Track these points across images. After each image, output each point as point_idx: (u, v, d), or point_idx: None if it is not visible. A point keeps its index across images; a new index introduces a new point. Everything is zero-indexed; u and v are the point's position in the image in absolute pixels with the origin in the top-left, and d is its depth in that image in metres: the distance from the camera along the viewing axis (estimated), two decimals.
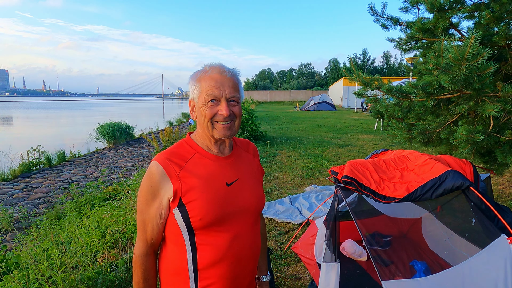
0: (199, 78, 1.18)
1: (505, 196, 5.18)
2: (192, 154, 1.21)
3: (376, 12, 4.23)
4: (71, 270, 2.83)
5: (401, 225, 3.41)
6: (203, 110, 1.16)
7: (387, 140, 11.18)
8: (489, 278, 1.72)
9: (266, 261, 1.55)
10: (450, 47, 2.53)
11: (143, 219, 1.19)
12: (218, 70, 1.17)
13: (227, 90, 1.16)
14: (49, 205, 6.41)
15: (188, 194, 1.14)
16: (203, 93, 1.16)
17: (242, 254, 1.22)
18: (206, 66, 1.21)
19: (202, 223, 1.14)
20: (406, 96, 3.44)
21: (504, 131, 2.73)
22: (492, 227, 1.88)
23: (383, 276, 1.96)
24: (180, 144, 1.25)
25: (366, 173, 2.35)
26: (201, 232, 1.16)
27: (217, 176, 1.20)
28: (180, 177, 1.15)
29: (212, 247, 1.17)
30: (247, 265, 1.25)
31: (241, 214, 1.23)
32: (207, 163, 1.21)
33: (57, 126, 27.18)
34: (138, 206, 1.20)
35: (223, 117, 1.15)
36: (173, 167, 1.15)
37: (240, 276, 1.24)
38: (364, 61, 70.79)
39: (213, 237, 1.17)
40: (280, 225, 4.36)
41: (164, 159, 1.16)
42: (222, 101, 1.16)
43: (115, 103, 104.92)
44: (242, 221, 1.23)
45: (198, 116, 1.21)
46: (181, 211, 1.14)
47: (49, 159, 10.13)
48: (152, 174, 1.15)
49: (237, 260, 1.21)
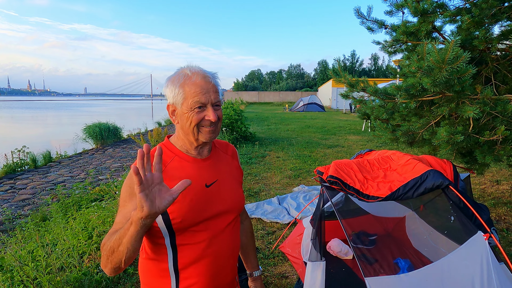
0: (182, 83, 1.18)
1: (486, 195, 5.34)
2: (171, 158, 1.23)
3: (362, 15, 4.31)
4: (57, 271, 2.80)
5: (386, 224, 3.49)
6: (188, 115, 1.17)
7: (374, 141, 11.36)
8: (467, 273, 1.79)
9: (256, 257, 1.60)
10: (431, 51, 2.61)
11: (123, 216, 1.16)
12: (201, 76, 1.18)
13: (212, 96, 1.18)
14: (34, 207, 6.31)
15: None
16: (189, 99, 1.16)
17: (221, 252, 1.25)
18: (185, 70, 1.20)
19: (183, 225, 1.16)
20: (390, 97, 3.52)
21: (483, 132, 2.83)
22: (469, 224, 1.95)
23: (366, 273, 2.01)
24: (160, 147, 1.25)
25: (351, 173, 2.40)
26: (182, 233, 1.18)
27: (196, 178, 1.22)
28: None
29: (192, 246, 1.19)
30: (226, 262, 1.29)
31: (220, 214, 1.26)
32: (186, 165, 1.23)
33: (43, 126, 26.68)
34: (119, 206, 1.21)
35: (209, 122, 1.18)
36: None
37: (220, 274, 1.27)
38: (353, 62, 71.58)
39: (193, 236, 1.20)
40: (268, 225, 4.40)
41: None
42: (208, 107, 1.18)
43: (103, 104, 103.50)
44: (222, 220, 1.27)
45: (181, 121, 1.21)
46: (162, 214, 1.14)
47: (35, 160, 9.95)
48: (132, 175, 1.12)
49: (216, 258, 1.24)
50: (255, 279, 1.59)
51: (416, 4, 3.77)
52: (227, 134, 10.78)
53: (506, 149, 2.82)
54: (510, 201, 5.00)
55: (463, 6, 3.89)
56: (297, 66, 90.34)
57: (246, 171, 7.22)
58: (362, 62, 73.04)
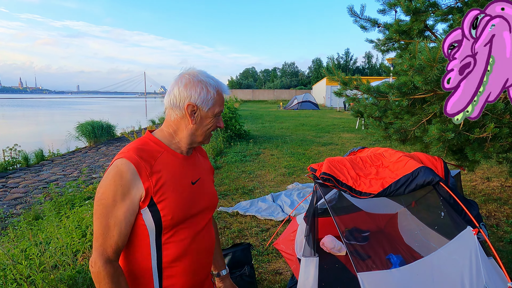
0: (218, 90, 1.24)
1: (477, 192, 5.42)
2: (161, 152, 1.21)
3: (355, 13, 4.35)
4: (51, 269, 2.80)
5: (379, 220, 3.53)
6: (210, 121, 1.24)
7: (367, 138, 11.44)
8: (456, 267, 1.83)
9: (222, 256, 1.63)
10: (423, 49, 2.64)
11: (107, 223, 1.09)
12: (224, 89, 1.28)
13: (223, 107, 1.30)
14: (26, 206, 6.26)
15: (159, 192, 1.13)
16: (217, 106, 1.23)
17: (201, 248, 1.28)
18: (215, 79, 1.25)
19: (172, 222, 1.15)
20: (383, 95, 3.56)
21: (473, 129, 2.88)
22: (459, 219, 1.99)
23: (359, 269, 2.04)
24: (145, 141, 1.22)
25: (344, 170, 2.43)
26: (169, 230, 1.17)
27: (183, 175, 1.23)
28: (151, 175, 1.12)
29: (176, 243, 1.19)
30: (205, 257, 1.32)
31: (203, 211, 1.30)
32: (174, 161, 1.22)
33: (35, 124, 26.39)
34: (100, 210, 1.10)
35: (216, 129, 1.30)
36: (144, 165, 1.12)
37: (199, 269, 1.29)
38: (347, 61, 71.82)
39: (178, 234, 1.20)
40: (262, 222, 4.43)
41: (134, 157, 1.12)
42: (220, 116, 1.29)
43: (96, 101, 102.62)
44: (203, 217, 1.30)
45: (200, 123, 1.23)
46: (152, 210, 1.12)
47: (27, 158, 9.85)
48: (123, 172, 1.09)
49: (197, 254, 1.26)
50: (223, 278, 1.59)
51: (409, 3, 3.81)
52: (222, 132, 10.78)
53: (495, 146, 2.87)
54: (500, 198, 5.09)
55: (455, 5, 3.94)
56: (292, 64, 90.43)
57: (241, 169, 7.24)
58: (356, 61, 73.37)
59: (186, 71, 1.23)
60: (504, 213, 4.51)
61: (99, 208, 1.10)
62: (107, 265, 1.09)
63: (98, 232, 1.10)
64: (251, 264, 2.73)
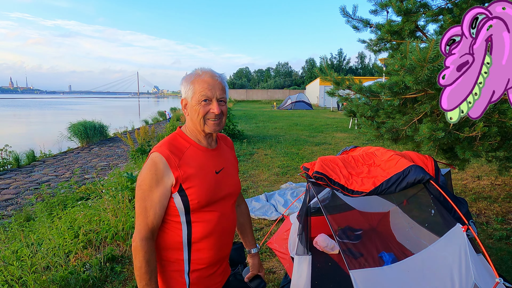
0: (193, 80, 1.36)
1: (468, 190, 5.50)
2: (187, 147, 1.39)
3: (348, 14, 4.38)
4: (43, 270, 2.77)
5: (371, 219, 3.56)
6: (196, 108, 1.35)
7: (360, 138, 11.51)
8: (446, 263, 1.86)
9: (253, 236, 1.83)
10: (414, 49, 2.68)
11: (145, 205, 1.30)
12: (210, 75, 1.37)
13: (217, 92, 1.36)
14: (17, 207, 6.18)
15: (187, 181, 1.32)
16: (197, 93, 1.34)
17: (225, 229, 1.47)
18: (198, 70, 1.39)
19: (199, 205, 1.34)
20: (375, 95, 3.59)
21: (463, 128, 2.92)
22: (449, 217, 2.02)
23: (351, 267, 2.06)
24: (175, 137, 1.42)
25: (336, 168, 2.45)
26: (196, 212, 1.36)
27: (208, 166, 1.41)
28: (179, 166, 1.32)
29: (204, 223, 1.38)
30: (228, 237, 1.51)
31: (226, 197, 1.46)
32: (199, 154, 1.40)
33: (26, 125, 26.05)
34: (139, 194, 1.31)
35: (214, 115, 1.36)
36: (173, 158, 1.32)
37: (223, 247, 1.48)
38: (340, 61, 72.18)
39: (205, 215, 1.38)
40: (256, 221, 4.44)
41: (165, 151, 1.32)
42: (213, 101, 1.36)
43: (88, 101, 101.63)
44: (227, 202, 1.48)
45: (191, 113, 1.39)
46: (181, 195, 1.32)
47: (18, 159, 9.74)
48: (157, 163, 1.30)
49: (222, 233, 1.45)
50: (253, 256, 1.79)
51: (400, 4, 3.85)
52: None
53: (484, 144, 2.92)
54: (490, 196, 5.17)
55: (445, 6, 3.99)
56: (285, 64, 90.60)
57: None
58: (349, 61, 73.80)
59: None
60: (494, 211, 4.58)
61: (139, 193, 1.32)
62: (143, 242, 1.29)
63: (138, 213, 1.32)
64: (244, 263, 2.74)
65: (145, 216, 1.30)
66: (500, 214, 4.47)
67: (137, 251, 1.29)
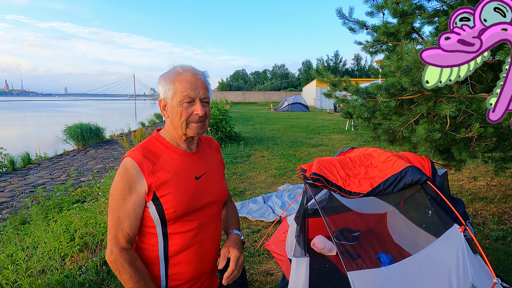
0: (173, 79, 1.24)
1: (464, 191, 5.52)
2: (163, 151, 1.28)
3: (344, 15, 4.39)
4: (38, 274, 2.75)
5: (369, 220, 3.57)
6: (178, 110, 1.23)
7: (357, 139, 11.55)
8: (443, 264, 1.86)
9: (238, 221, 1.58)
10: (410, 51, 2.69)
11: (118, 216, 1.20)
12: (191, 73, 1.25)
13: (201, 92, 1.25)
14: (12, 210, 6.13)
15: (161, 188, 1.21)
16: (178, 93, 1.22)
17: (206, 240, 1.34)
18: (177, 68, 1.27)
19: (175, 215, 1.23)
20: (371, 96, 3.60)
21: (459, 129, 2.93)
22: (446, 217, 2.03)
23: (349, 268, 2.06)
24: (150, 140, 1.31)
25: (333, 170, 2.45)
26: (174, 222, 1.25)
27: (187, 171, 1.29)
28: (153, 172, 1.21)
29: (181, 235, 1.27)
30: (210, 248, 1.37)
31: (208, 205, 1.34)
32: (177, 158, 1.29)
33: (21, 127, 25.87)
34: (112, 204, 1.21)
35: (198, 117, 1.24)
36: (147, 163, 1.21)
37: (204, 260, 1.35)
38: (336, 63, 72.38)
39: (183, 226, 1.27)
40: (253, 223, 4.43)
41: (137, 156, 1.22)
42: (196, 102, 1.24)
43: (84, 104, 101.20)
44: (208, 211, 1.35)
45: (171, 115, 1.26)
46: (156, 204, 1.21)
47: (13, 162, 9.65)
48: (128, 169, 1.20)
49: (202, 245, 1.32)
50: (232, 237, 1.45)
51: (396, 6, 3.87)
52: (212, 134, 10.76)
53: (480, 145, 2.93)
54: (486, 197, 5.20)
55: (440, 8, 4.02)
56: (282, 66, 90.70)
57: (231, 171, 7.23)
58: (346, 63, 73.94)
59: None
60: (490, 211, 4.60)
61: (111, 203, 1.22)
62: (123, 253, 1.19)
63: (111, 224, 1.21)
64: None
65: (120, 228, 1.20)
66: (497, 214, 4.49)
67: (119, 264, 1.18)
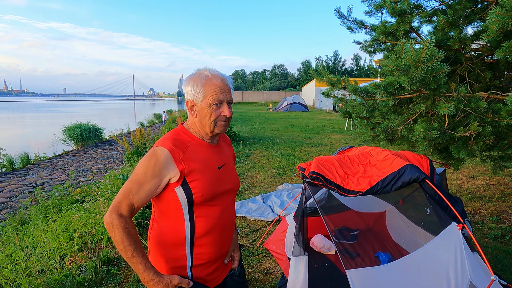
0: (204, 83, 1.37)
1: (463, 190, 5.53)
2: (190, 142, 1.42)
3: (343, 15, 4.39)
4: (37, 274, 2.75)
5: (367, 219, 3.57)
6: (207, 111, 1.37)
7: (356, 139, 11.56)
8: (442, 262, 1.87)
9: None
10: (408, 50, 2.70)
11: (131, 188, 1.30)
12: (220, 78, 1.39)
13: (228, 95, 1.40)
14: (12, 210, 6.13)
15: (190, 174, 1.34)
16: (208, 97, 1.36)
17: (227, 224, 1.50)
18: (206, 72, 1.39)
19: (202, 199, 1.37)
20: (370, 96, 3.61)
21: (457, 128, 2.94)
22: (444, 215, 2.03)
23: (348, 266, 2.06)
24: (177, 132, 1.44)
25: (332, 168, 2.46)
26: (199, 206, 1.39)
27: (210, 161, 1.44)
28: (183, 160, 1.34)
29: (207, 218, 1.41)
30: (229, 232, 1.55)
31: (227, 192, 1.50)
32: (202, 149, 1.44)
33: (20, 128, 25.85)
34: (132, 177, 1.32)
35: (225, 117, 1.40)
36: (178, 152, 1.34)
37: (224, 242, 1.52)
38: (335, 63, 72.44)
39: (208, 210, 1.41)
40: (253, 222, 4.43)
41: (169, 145, 1.34)
42: (224, 104, 1.39)
43: (83, 104, 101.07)
44: (228, 197, 1.51)
45: (200, 115, 1.40)
46: (185, 189, 1.34)
47: (12, 162, 9.65)
48: (158, 156, 1.31)
49: (223, 229, 1.49)
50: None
51: (394, 5, 3.87)
52: None
53: (478, 144, 2.94)
54: (485, 195, 5.21)
55: (439, 7, 4.02)
56: (281, 66, 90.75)
57: None
58: (345, 62, 74.06)
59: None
60: (488, 210, 4.61)
61: (132, 176, 1.33)
62: (120, 218, 1.28)
63: (121, 193, 1.31)
64: (241, 264, 2.73)
65: (128, 197, 1.30)
66: (495, 213, 4.50)
67: (114, 226, 1.27)
